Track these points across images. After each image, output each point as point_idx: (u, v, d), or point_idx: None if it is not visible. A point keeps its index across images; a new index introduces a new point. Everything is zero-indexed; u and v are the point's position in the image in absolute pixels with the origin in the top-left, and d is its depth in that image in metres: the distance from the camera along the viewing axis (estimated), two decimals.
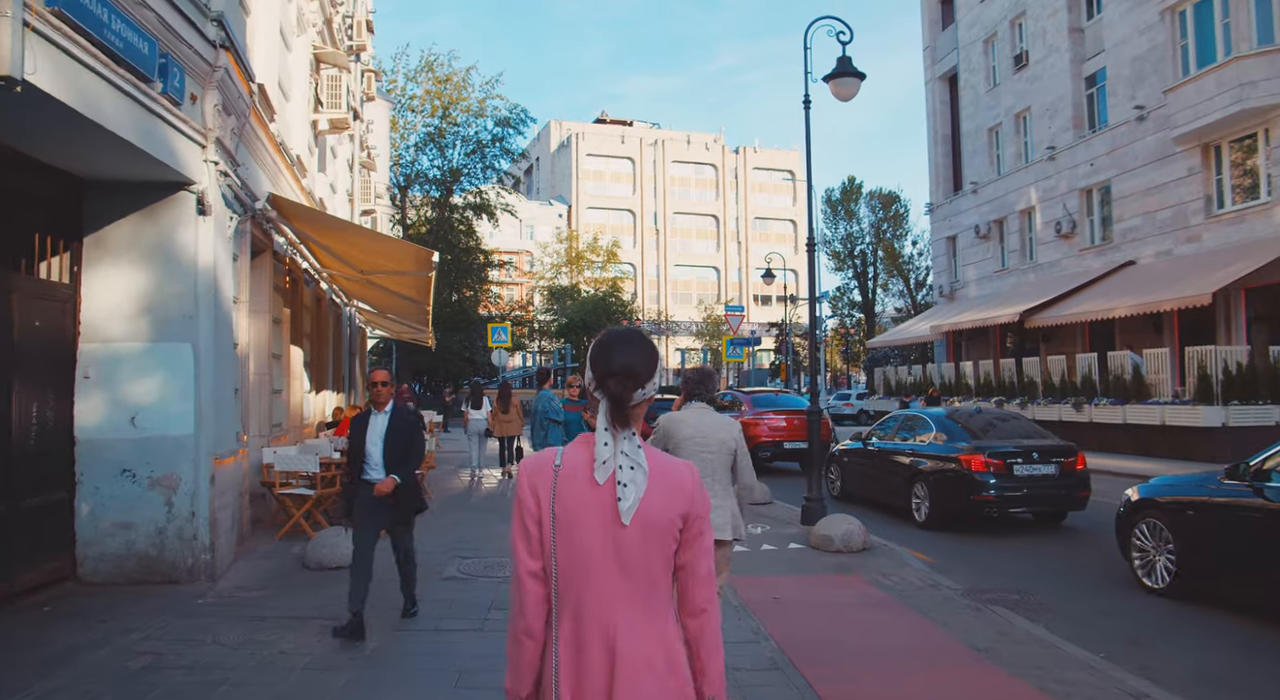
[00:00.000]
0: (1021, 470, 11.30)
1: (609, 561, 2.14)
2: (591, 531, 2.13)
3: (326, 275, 16.04)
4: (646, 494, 2.15)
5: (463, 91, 47.07)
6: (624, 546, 2.13)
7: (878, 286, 66.74)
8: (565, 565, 2.15)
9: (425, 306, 14.99)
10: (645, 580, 2.16)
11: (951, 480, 11.58)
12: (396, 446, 6.86)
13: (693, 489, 2.21)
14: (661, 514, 2.16)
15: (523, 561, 2.19)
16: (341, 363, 21.02)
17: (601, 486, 2.15)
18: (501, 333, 32.78)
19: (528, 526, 2.19)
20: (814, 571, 8.98)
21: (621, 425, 2.18)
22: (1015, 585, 8.65)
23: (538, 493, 2.18)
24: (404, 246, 10.99)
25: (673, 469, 2.23)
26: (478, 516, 12.33)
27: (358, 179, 22.36)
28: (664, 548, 2.17)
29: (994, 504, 11.17)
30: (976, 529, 11.74)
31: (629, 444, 2.17)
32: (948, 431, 12.24)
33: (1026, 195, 31.48)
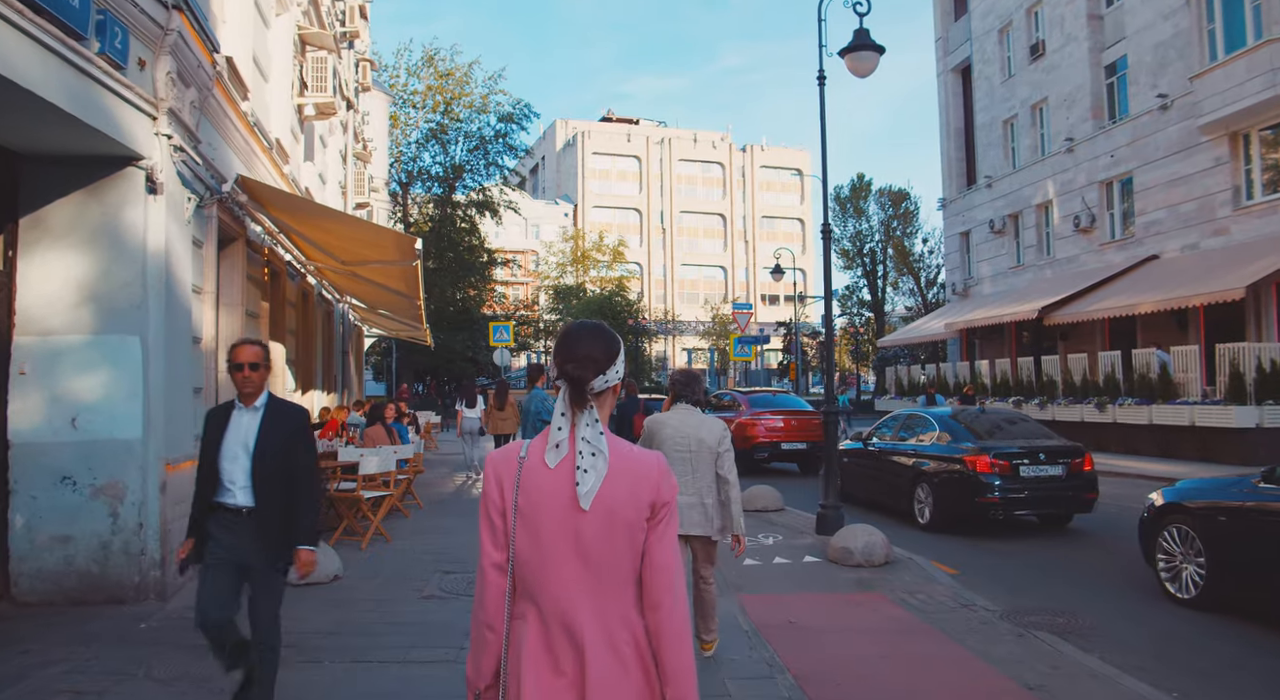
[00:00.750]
0: (1028, 471, 10.97)
1: (569, 551, 2.12)
2: (552, 520, 2.12)
3: (313, 268, 15.23)
4: (611, 482, 2.13)
5: (465, 87, 46.37)
6: (586, 535, 2.11)
7: (887, 285, 65.73)
8: (525, 555, 2.14)
9: (416, 300, 14.17)
10: (610, 570, 2.13)
11: (956, 482, 11.26)
12: (269, 462, 4.51)
13: (658, 477, 2.19)
14: (627, 502, 2.14)
15: (487, 553, 2.20)
16: (333, 362, 20.22)
17: (560, 474, 2.14)
18: (503, 332, 32.09)
19: (492, 518, 2.19)
20: (833, 588, 8.13)
21: (579, 407, 2.18)
22: (1047, 600, 7.80)
23: (502, 484, 2.19)
24: (385, 233, 10.16)
25: (638, 457, 2.21)
26: (466, 524, 11.47)
27: (351, 171, 21.56)
28: (631, 537, 2.15)
29: (999, 506, 10.85)
30: (982, 532, 11.36)
31: (590, 430, 2.15)
32: (951, 431, 11.88)
33: (1043, 189, 30.55)
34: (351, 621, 6.77)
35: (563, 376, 2.23)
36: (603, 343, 2.29)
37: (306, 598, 7.43)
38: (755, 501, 12.49)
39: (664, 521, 2.19)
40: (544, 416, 9.98)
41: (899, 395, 35.18)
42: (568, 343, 2.29)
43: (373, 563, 8.86)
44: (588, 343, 2.27)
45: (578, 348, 2.25)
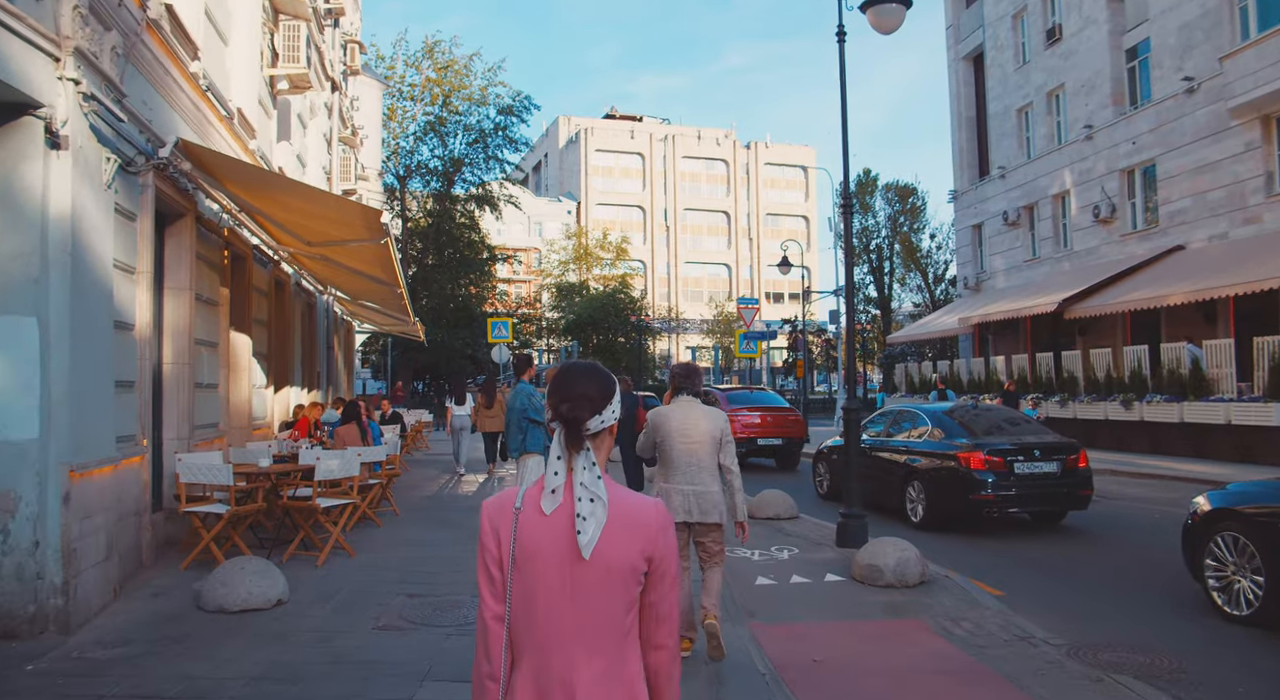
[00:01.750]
0: (1022, 468, 10.76)
1: (566, 601, 2.03)
2: (549, 570, 2.04)
3: (286, 255, 14.07)
4: (606, 535, 2.03)
5: (464, 79, 45.19)
6: (583, 585, 2.03)
7: (894, 281, 64.44)
8: (523, 606, 2.06)
9: (396, 288, 13.02)
10: (606, 621, 2.05)
11: (949, 479, 11.00)
12: None
13: (656, 529, 2.10)
14: (622, 556, 2.05)
15: (487, 605, 2.10)
16: (316, 357, 19.06)
17: (556, 521, 2.05)
18: (502, 328, 31.09)
19: (490, 569, 2.10)
20: (862, 615, 6.94)
21: (576, 449, 2.11)
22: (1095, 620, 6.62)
23: (499, 534, 2.10)
24: (350, 207, 8.98)
25: (635, 507, 2.11)
26: (443, 534, 10.31)
27: (337, 156, 20.39)
28: (626, 590, 2.06)
29: (994, 504, 10.61)
30: (978, 531, 11.08)
31: (588, 475, 2.07)
32: (945, 428, 11.63)
33: (1060, 178, 29.34)
34: (285, 662, 5.61)
35: (557, 418, 2.15)
36: (597, 382, 2.22)
37: (239, 630, 6.28)
38: (766, 508, 11.33)
39: (666, 575, 2.12)
40: (530, 414, 8.84)
41: (909, 392, 33.97)
42: (562, 382, 2.22)
43: (328, 582, 7.70)
44: (582, 382, 2.20)
45: (572, 387, 2.18)
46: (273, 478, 8.83)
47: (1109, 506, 13.54)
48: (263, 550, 8.67)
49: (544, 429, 8.96)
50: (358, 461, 8.86)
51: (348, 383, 26.37)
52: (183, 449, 9.12)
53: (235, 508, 7.92)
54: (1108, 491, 15.23)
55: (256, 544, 8.93)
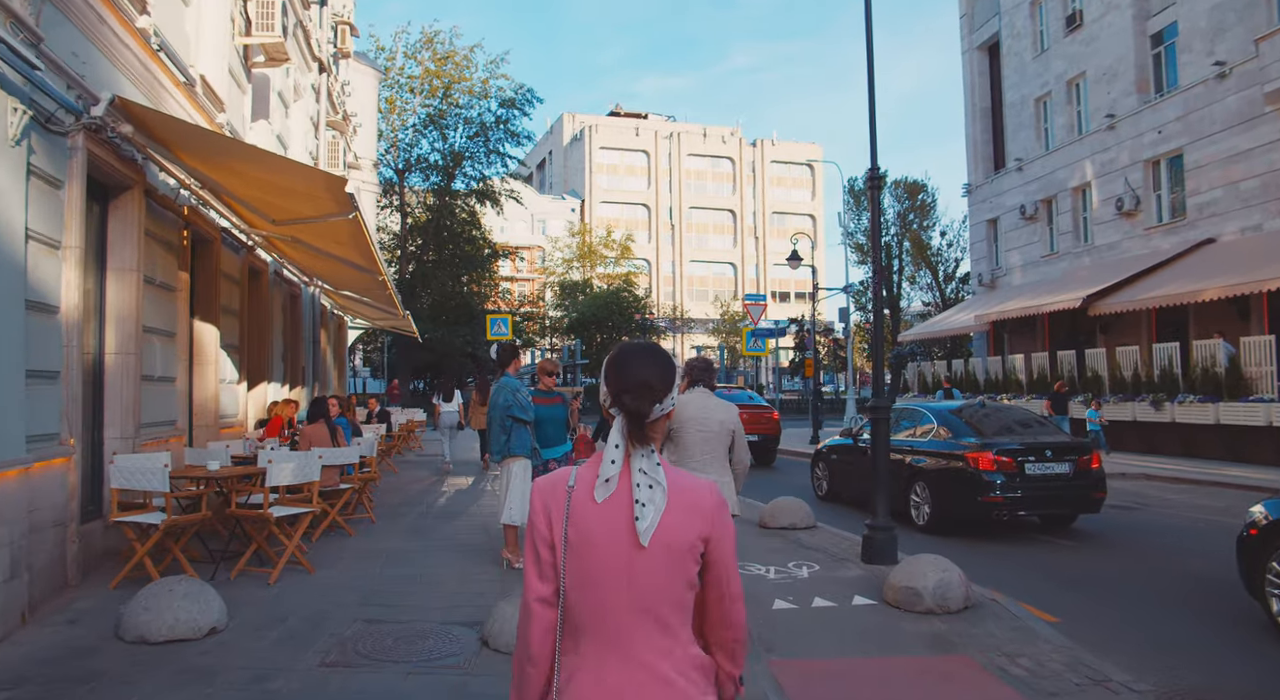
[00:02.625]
0: (1033, 469, 10.35)
1: (623, 586, 1.97)
2: (605, 554, 1.98)
3: (261, 239, 13.04)
4: (668, 513, 1.99)
5: (465, 71, 44.18)
6: (640, 570, 1.97)
7: (903, 280, 63.24)
8: (576, 590, 2.00)
9: (377, 275, 11.98)
10: (665, 605, 1.99)
11: (956, 480, 10.57)
12: None
13: (713, 508, 2.05)
14: (681, 535, 2.00)
15: (532, 587, 2.05)
16: (300, 352, 18.03)
17: (610, 509, 2.00)
18: (501, 324, 30.19)
19: (539, 550, 2.04)
20: (899, 649, 5.88)
21: (639, 442, 2.04)
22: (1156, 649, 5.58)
23: (550, 514, 2.04)
24: (310, 174, 7.93)
25: (692, 487, 2.06)
26: (420, 545, 9.27)
27: (324, 141, 19.37)
28: (684, 571, 2.01)
29: (1004, 506, 10.23)
30: (990, 536, 10.62)
31: (647, 461, 2.02)
32: (951, 427, 11.24)
33: (1080, 170, 28.23)
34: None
35: (619, 407, 2.07)
36: (658, 368, 2.12)
37: (159, 665, 5.25)
38: (780, 517, 10.25)
39: (726, 556, 2.08)
40: (514, 411, 7.81)
41: (922, 392, 32.92)
42: (621, 369, 2.11)
43: (277, 605, 6.65)
44: (644, 368, 2.10)
45: (632, 374, 2.09)
46: (221, 483, 7.77)
47: (1149, 515, 12.49)
48: (211, 565, 7.64)
49: (529, 429, 7.94)
50: (317, 465, 7.80)
51: (339, 380, 25.35)
52: (126, 449, 8.08)
53: (172, 517, 6.87)
54: (1145, 498, 14.16)
55: (207, 557, 7.88)
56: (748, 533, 9.90)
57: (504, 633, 5.53)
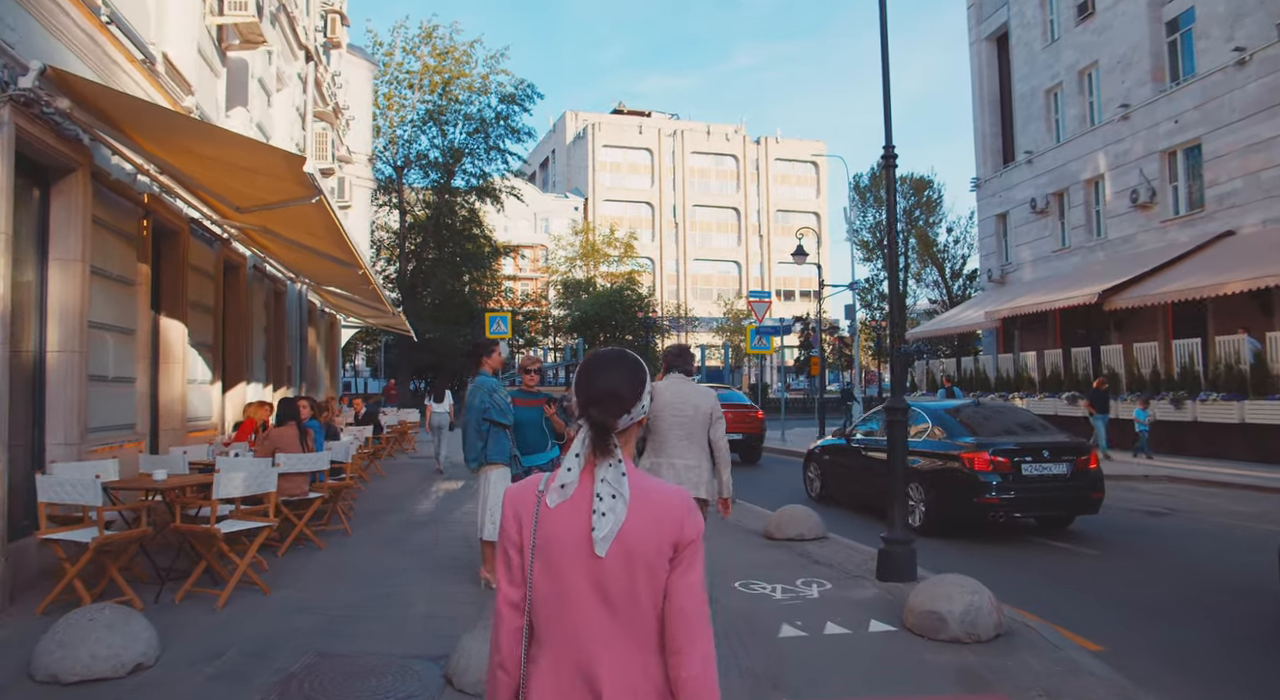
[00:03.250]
0: (1030, 470, 10.17)
1: (589, 593, 1.93)
2: (571, 560, 1.93)
3: (236, 232, 12.32)
4: (632, 521, 1.93)
5: (465, 67, 43.40)
6: (606, 577, 1.92)
7: (909, 277, 62.34)
8: (543, 596, 1.96)
9: (357, 268, 11.24)
10: (632, 614, 1.93)
11: (952, 480, 10.44)
12: None
13: (682, 514, 1.98)
14: (648, 542, 1.93)
15: (503, 591, 2.02)
16: (286, 351, 17.31)
17: (576, 513, 1.95)
18: (501, 323, 29.57)
19: (509, 553, 2.02)
20: (923, 687, 5.11)
21: (603, 454, 1.97)
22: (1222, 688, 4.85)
23: (520, 518, 2.00)
24: (268, 154, 7.16)
25: (662, 494, 2.00)
26: (394, 560, 8.53)
27: (311, 132, 18.64)
28: (652, 579, 1.94)
29: (1000, 507, 10.02)
30: (985, 538, 10.44)
31: (611, 471, 1.95)
32: (946, 426, 11.03)
33: (1093, 162, 27.43)
34: None
35: (585, 419, 2.01)
36: (625, 374, 2.06)
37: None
38: (787, 527, 9.48)
39: (687, 562, 1.97)
40: (491, 414, 7.06)
41: (931, 391, 32.14)
42: (586, 378, 2.06)
43: (221, 633, 5.91)
44: (608, 376, 2.05)
45: (596, 383, 2.03)
46: (166, 494, 7.03)
47: (1180, 522, 11.74)
48: (157, 585, 6.91)
49: (508, 433, 7.20)
50: (272, 474, 7.05)
51: (331, 380, 24.62)
52: (70, 456, 7.37)
53: (104, 534, 6.13)
54: (1174, 501, 13.40)
55: (155, 577, 7.14)
56: (753, 545, 9.17)
57: (470, 670, 4.80)
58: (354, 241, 9.83)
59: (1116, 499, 12.67)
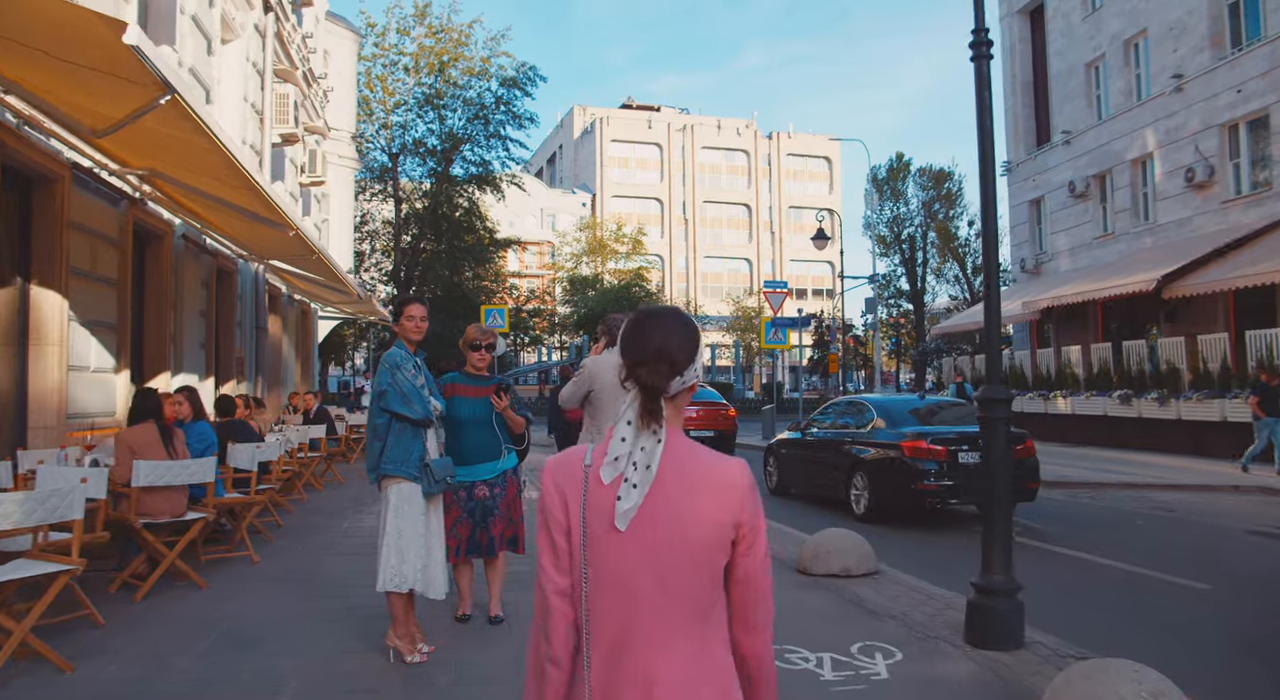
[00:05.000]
0: (966, 458, 10.40)
1: (647, 578, 1.77)
2: (626, 542, 1.78)
3: (151, 190, 10.10)
4: (688, 498, 1.78)
5: (463, 48, 41.16)
6: (662, 560, 1.77)
7: (928, 272, 59.97)
8: (597, 583, 1.80)
9: (284, 226, 9.01)
10: (691, 599, 1.78)
11: (892, 469, 10.85)
12: None
13: (745, 489, 1.82)
14: (707, 522, 1.78)
15: (549, 578, 1.84)
16: (234, 340, 15.08)
17: (616, 486, 1.80)
18: (497, 316, 27.68)
19: (555, 538, 1.84)
20: None
21: (652, 420, 1.81)
22: None
23: (566, 498, 1.84)
24: (78, 16, 4.91)
25: (722, 467, 1.84)
26: (289, 606, 6.24)
27: (271, 93, 16.44)
28: (711, 562, 1.80)
29: (937, 494, 10.45)
30: (924, 525, 10.82)
31: (650, 440, 1.80)
32: (890, 418, 11.48)
33: (1140, 140, 25.06)
34: None
35: (633, 381, 1.85)
36: (678, 335, 1.88)
37: None
38: (827, 559, 7.10)
39: (750, 540, 1.83)
40: (391, 402, 4.79)
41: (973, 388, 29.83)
42: (636, 337, 1.89)
43: None
44: (661, 335, 1.87)
45: (648, 342, 1.86)
46: None
47: None
48: None
49: (430, 433, 4.95)
50: (77, 498, 4.78)
51: (303, 376, 22.38)
52: None
53: None
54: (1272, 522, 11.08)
55: None
56: (782, 583, 6.89)
57: None
58: (271, 190, 7.62)
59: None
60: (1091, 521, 11.13)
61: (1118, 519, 11.34)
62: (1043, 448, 22.30)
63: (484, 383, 5.54)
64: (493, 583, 5.70)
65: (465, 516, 5.42)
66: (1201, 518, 11.32)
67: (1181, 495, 13.38)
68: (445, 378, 5.56)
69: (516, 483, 5.64)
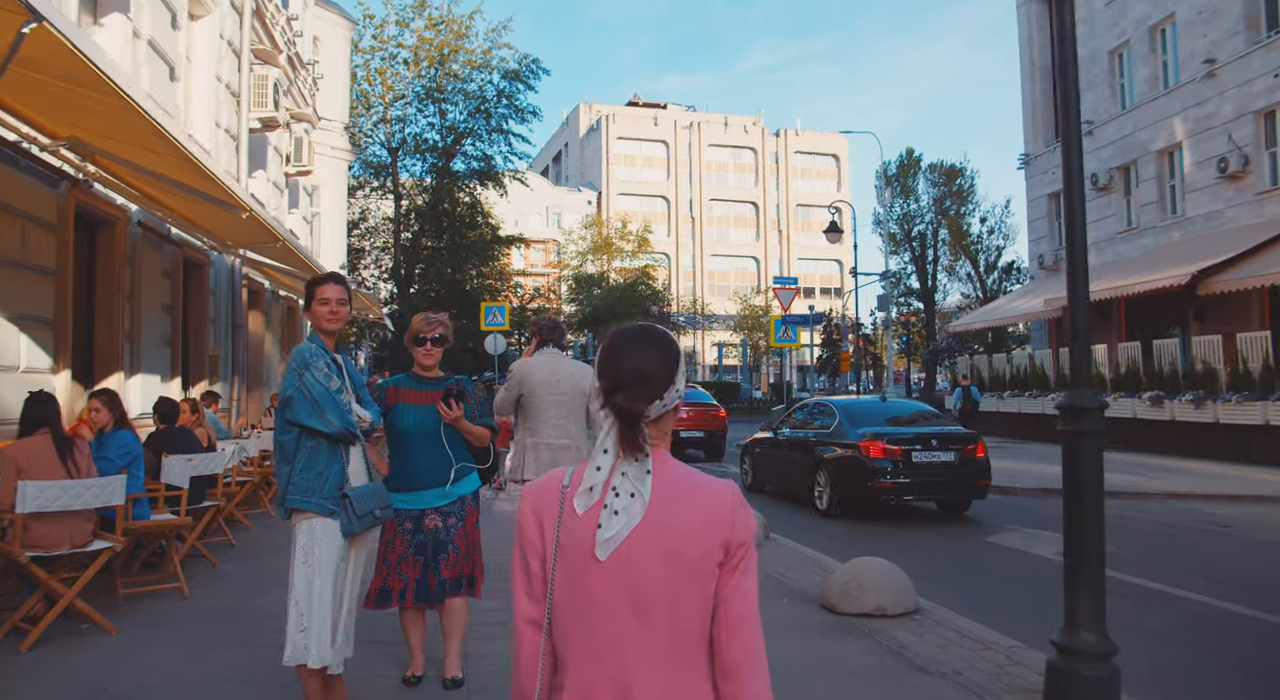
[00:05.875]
0: (920, 457, 11.21)
1: (623, 606, 1.67)
2: (593, 571, 1.68)
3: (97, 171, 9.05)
4: (674, 519, 1.68)
5: (464, 40, 40.09)
6: (645, 588, 1.67)
7: (938, 270, 58.64)
8: (568, 610, 1.71)
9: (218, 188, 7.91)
10: (672, 628, 1.67)
11: (851, 467, 11.50)
12: None
13: (732, 509, 1.72)
14: (693, 543, 1.68)
15: (521, 607, 1.78)
16: (207, 338, 14.02)
17: (592, 515, 1.69)
18: (497, 313, 26.82)
19: (529, 562, 1.76)
20: None
21: (636, 449, 1.70)
22: None
23: (542, 521, 1.75)
24: None
25: (707, 487, 1.75)
26: (203, 663, 5.17)
27: (249, 73, 15.37)
28: (700, 586, 1.69)
29: (892, 491, 11.16)
30: (883, 519, 11.42)
31: (635, 467, 1.69)
32: (852, 419, 12.08)
33: (1168, 129, 23.94)
34: None
35: (610, 408, 1.74)
36: (655, 352, 1.78)
37: None
38: (860, 595, 5.89)
39: (739, 566, 1.71)
40: (299, 413, 3.72)
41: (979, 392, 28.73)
42: (610, 360, 1.78)
43: None
44: (635, 355, 1.77)
45: (623, 365, 1.76)
46: None
47: None
48: None
49: (338, 448, 3.84)
50: None
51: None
52: None
53: None
54: None
55: None
56: (800, 623, 5.78)
57: None
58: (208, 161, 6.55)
59: None
60: (1146, 539, 9.97)
61: (1172, 536, 10.22)
62: None
63: (432, 386, 4.46)
64: (450, 635, 4.56)
65: (412, 553, 4.36)
66: (1267, 534, 10.19)
67: (1234, 507, 12.22)
68: (388, 380, 4.49)
69: (476, 511, 4.58)
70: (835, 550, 8.49)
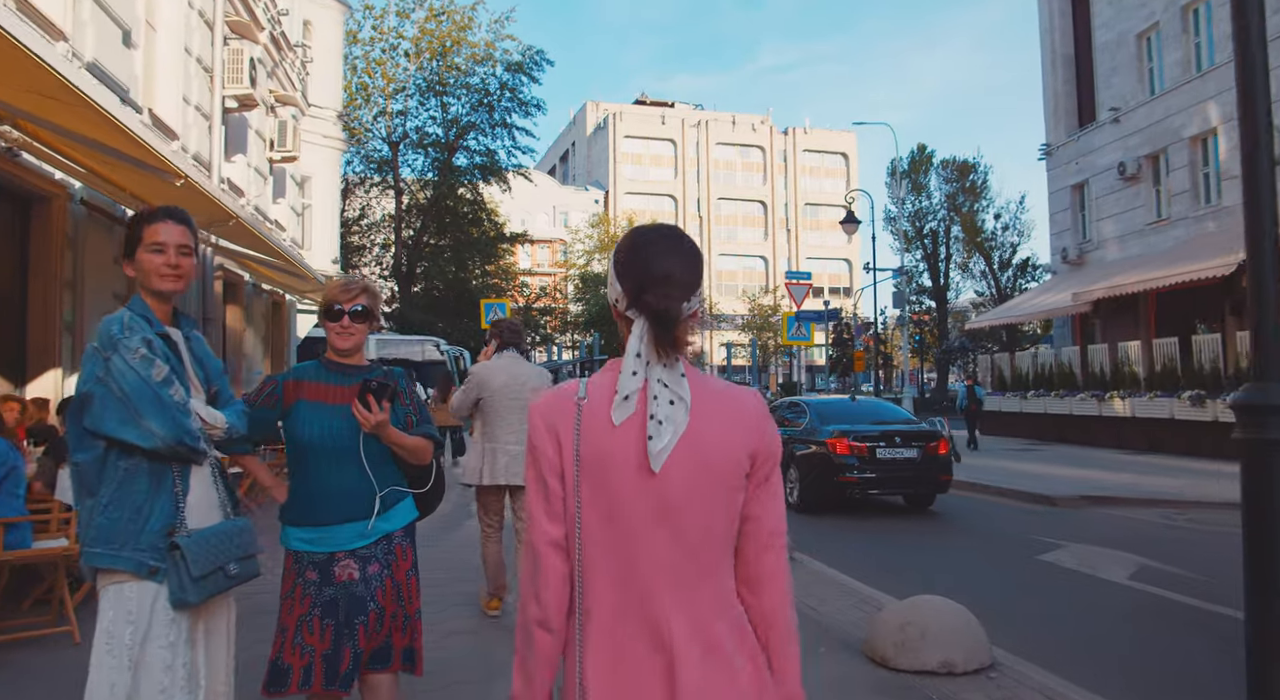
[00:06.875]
0: (884, 453, 11.72)
1: (652, 521, 1.59)
2: (627, 483, 1.58)
3: (22, 138, 7.89)
4: (702, 427, 1.60)
5: (466, 32, 38.98)
6: (672, 500, 1.58)
7: (950, 267, 57.29)
8: (595, 531, 1.60)
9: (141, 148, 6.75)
10: (703, 542, 1.61)
11: (818, 463, 11.95)
12: None
13: (759, 417, 1.67)
14: (723, 452, 1.61)
15: (540, 527, 1.63)
16: None
17: (629, 431, 1.59)
18: (498, 311, 25.52)
19: (546, 481, 1.63)
20: None
21: (665, 349, 1.59)
22: None
23: (558, 436, 1.63)
24: None
25: (734, 395, 1.69)
26: None
27: (222, 47, 14.23)
28: (728, 497, 1.62)
29: (857, 485, 11.69)
30: (851, 514, 11.88)
31: (669, 373, 1.60)
32: (821, 417, 12.59)
33: (1201, 115, 22.67)
34: None
35: (639, 309, 1.62)
36: (686, 256, 1.68)
37: None
38: (919, 647, 4.48)
39: (770, 478, 1.68)
40: (101, 420, 2.50)
41: (999, 391, 27.49)
42: (640, 259, 1.66)
43: None
44: (667, 257, 1.65)
45: (652, 264, 1.64)
46: None
47: None
48: None
49: (168, 470, 2.61)
50: None
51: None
52: None
53: None
54: None
55: None
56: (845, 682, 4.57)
57: None
58: (119, 114, 5.38)
59: None
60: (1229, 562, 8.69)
61: None
62: (1100, 454, 20.17)
63: (349, 379, 3.16)
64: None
65: (318, 615, 3.00)
66: None
67: None
68: (287, 372, 3.27)
69: (411, 554, 3.22)
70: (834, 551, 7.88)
